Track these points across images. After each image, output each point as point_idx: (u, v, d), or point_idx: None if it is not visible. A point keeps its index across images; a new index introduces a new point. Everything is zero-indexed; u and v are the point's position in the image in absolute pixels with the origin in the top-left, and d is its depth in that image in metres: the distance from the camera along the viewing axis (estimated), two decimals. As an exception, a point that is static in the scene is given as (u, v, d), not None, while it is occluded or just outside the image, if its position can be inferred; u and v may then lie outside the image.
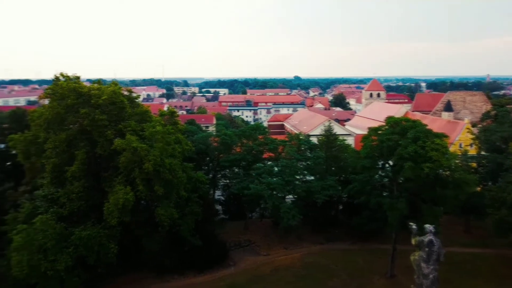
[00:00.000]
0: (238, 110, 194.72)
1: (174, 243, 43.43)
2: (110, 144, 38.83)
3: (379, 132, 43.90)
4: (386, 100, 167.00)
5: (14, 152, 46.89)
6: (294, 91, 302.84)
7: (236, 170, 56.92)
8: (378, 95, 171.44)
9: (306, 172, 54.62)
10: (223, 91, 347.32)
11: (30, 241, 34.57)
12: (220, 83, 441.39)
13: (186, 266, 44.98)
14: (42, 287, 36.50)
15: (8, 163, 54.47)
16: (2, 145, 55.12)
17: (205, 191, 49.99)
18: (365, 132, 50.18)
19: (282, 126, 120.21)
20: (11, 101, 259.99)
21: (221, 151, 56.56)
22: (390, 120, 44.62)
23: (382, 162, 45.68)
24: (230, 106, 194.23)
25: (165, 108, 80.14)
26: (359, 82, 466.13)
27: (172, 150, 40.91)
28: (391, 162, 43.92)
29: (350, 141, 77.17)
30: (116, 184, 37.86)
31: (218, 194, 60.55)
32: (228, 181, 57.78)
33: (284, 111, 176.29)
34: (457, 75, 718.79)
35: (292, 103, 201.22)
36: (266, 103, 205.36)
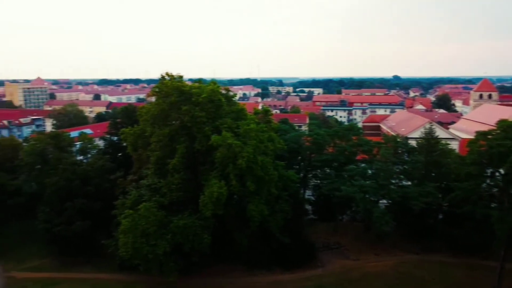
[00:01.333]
0: (332, 110, 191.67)
1: (263, 239, 44.32)
2: (208, 140, 40.91)
3: (489, 136, 39.88)
4: (499, 102, 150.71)
5: (124, 144, 51.86)
6: (393, 91, 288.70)
7: (328, 170, 56.11)
8: (490, 96, 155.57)
9: (402, 176, 51.76)
10: (317, 91, 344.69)
11: (135, 226, 37.99)
12: (315, 83, 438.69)
13: (274, 262, 45.64)
14: (143, 268, 40.02)
15: (119, 154, 60.45)
16: (115, 138, 61.30)
17: (296, 190, 50.09)
18: (472, 136, 45.94)
19: (378, 128, 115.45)
20: (124, 99, 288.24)
21: (313, 151, 56.19)
22: (502, 123, 40.27)
23: (491, 170, 41.44)
24: (324, 106, 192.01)
25: (260, 107, 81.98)
26: (467, 82, 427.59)
27: (264, 147, 41.78)
28: (502, 171, 39.62)
29: (454, 145, 71.14)
30: (211, 178, 39.83)
31: (308, 193, 60.31)
32: (319, 181, 57.21)
33: (380, 112, 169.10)
34: None
35: (389, 104, 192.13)
36: (361, 103, 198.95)
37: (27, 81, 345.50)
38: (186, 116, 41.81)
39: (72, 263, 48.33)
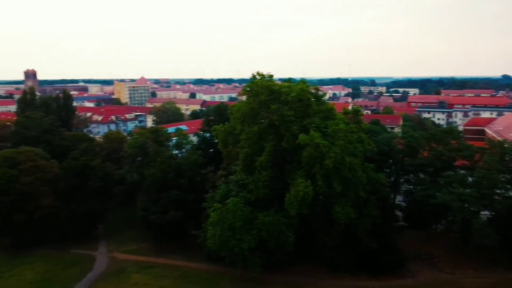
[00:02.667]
0: (428, 112, 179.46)
1: (348, 243, 43.15)
2: (295, 139, 40.95)
3: None
4: None
5: (216, 140, 54.11)
6: (501, 92, 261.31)
7: (422, 175, 52.69)
8: None
9: (509, 186, 46.62)
10: (413, 91, 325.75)
11: (222, 219, 39.49)
12: (410, 83, 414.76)
13: (359, 267, 44.19)
14: (229, 261, 41.50)
15: (211, 150, 63.32)
16: (208, 134, 64.32)
17: (385, 194, 47.91)
18: None
19: (482, 132, 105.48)
20: (217, 97, 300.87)
21: (406, 154, 53.21)
22: None
23: None
24: (419, 107, 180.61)
25: (350, 107, 79.83)
26: None
27: (353, 148, 40.61)
28: None
29: None
30: (297, 177, 39.81)
31: (399, 199, 57.26)
32: (411, 186, 54.00)
33: (485, 114, 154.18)
34: None
35: (496, 106, 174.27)
36: (463, 105, 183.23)
37: (132, 80, 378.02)
38: (274, 114, 42.31)
39: (164, 250, 51.90)
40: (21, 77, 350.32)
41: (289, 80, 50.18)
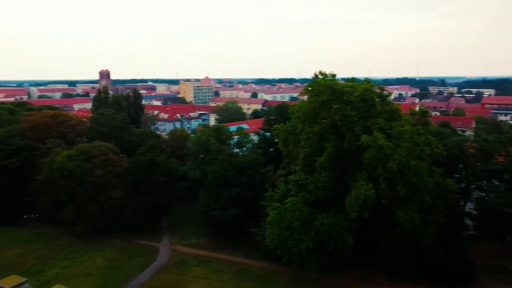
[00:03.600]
0: (505, 114, 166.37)
1: (412, 249, 41.24)
2: (357, 140, 39.89)
3: None
4: None
5: (276, 140, 54.25)
6: None
7: (496, 182, 48.98)
8: None
9: None
10: (488, 92, 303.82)
11: (281, 218, 39.50)
12: (485, 83, 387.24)
13: (422, 276, 42.07)
14: (287, 260, 41.43)
15: (271, 149, 63.64)
16: (268, 134, 64.69)
17: (454, 201, 45.18)
18: None
19: None
20: (278, 97, 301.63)
21: (478, 159, 49.73)
22: None
23: None
24: (495, 109, 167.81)
25: (417, 108, 76.21)
26: None
27: (420, 151, 38.74)
28: None
29: None
30: (359, 179, 38.74)
31: (469, 206, 53.63)
32: (483, 194, 50.35)
33: None
34: None
35: None
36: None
37: (197, 80, 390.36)
38: (336, 114, 41.52)
39: (223, 245, 53.04)
40: (96, 77, 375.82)
41: (353, 79, 48.99)
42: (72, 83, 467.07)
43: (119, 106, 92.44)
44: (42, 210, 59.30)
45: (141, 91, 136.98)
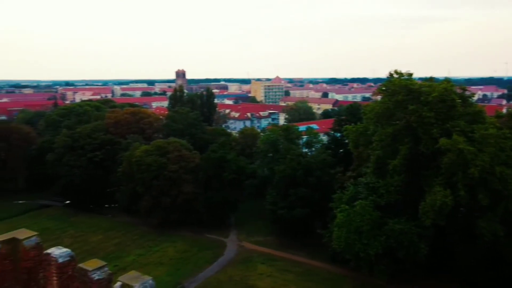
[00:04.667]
0: None
1: (494, 263, 38.00)
2: (434, 143, 37.65)
3: None
4: None
5: (346, 141, 53.00)
6: None
7: None
8: None
9: None
10: None
11: (349, 221, 38.51)
12: None
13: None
14: (354, 264, 40.29)
15: (341, 150, 62.30)
16: (338, 134, 63.40)
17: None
18: None
19: None
20: (350, 97, 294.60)
21: None
22: None
23: None
24: None
25: (504, 110, 70.07)
26: None
27: (506, 157, 35.57)
28: None
29: None
30: (435, 184, 36.53)
31: None
32: None
33: None
34: None
35: None
36: None
37: (268, 79, 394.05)
38: (412, 116, 39.50)
39: (289, 245, 52.98)
40: (173, 76, 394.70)
41: (431, 79, 46.30)
42: (151, 82, 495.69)
43: (193, 104, 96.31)
44: (121, 201, 63.69)
45: (214, 90, 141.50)
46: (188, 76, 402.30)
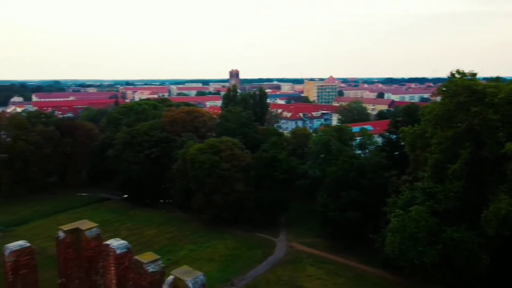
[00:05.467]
0: None
1: None
2: (500, 148, 35.24)
3: None
4: None
5: (402, 143, 51.06)
6: None
7: None
8: None
9: None
10: None
11: (403, 227, 37.05)
12: None
13: None
14: (408, 272, 38.73)
15: (396, 153, 60.16)
16: (394, 136, 61.28)
17: None
18: None
19: None
20: (407, 97, 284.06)
21: None
22: None
23: None
24: None
25: None
26: None
27: None
28: None
29: None
30: (499, 192, 34.20)
31: None
32: None
33: None
34: None
35: None
36: None
37: (321, 79, 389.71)
38: (475, 118, 37.23)
39: (339, 248, 52.04)
40: (227, 76, 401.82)
41: (497, 79, 43.46)
42: (206, 82, 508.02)
43: (246, 104, 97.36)
44: (175, 196, 65.84)
45: (267, 90, 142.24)
46: (242, 76, 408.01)
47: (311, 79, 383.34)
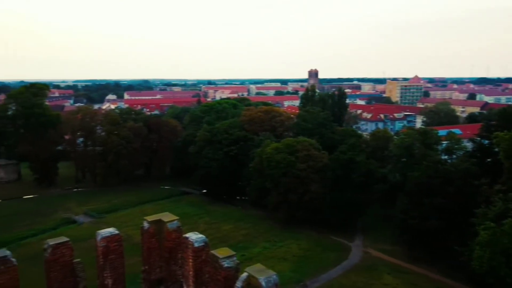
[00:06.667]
0: None
1: None
2: None
3: None
4: None
5: (496, 149, 46.83)
6: None
7: None
8: None
9: None
10: None
11: (495, 241, 33.95)
12: None
13: None
14: (498, 291, 35.41)
15: (488, 160, 55.22)
16: (486, 141, 56.30)
17: None
18: None
19: None
20: (503, 99, 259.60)
21: None
22: None
23: None
24: None
25: None
26: None
27: None
28: None
29: None
30: None
31: None
32: None
33: None
34: None
35: None
36: None
37: (405, 79, 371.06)
38: None
39: (419, 258, 49.18)
40: (305, 76, 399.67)
41: None
42: (284, 82, 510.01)
43: (324, 104, 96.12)
44: (251, 194, 67.11)
45: (346, 90, 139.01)
46: (321, 75, 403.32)
47: (394, 79, 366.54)
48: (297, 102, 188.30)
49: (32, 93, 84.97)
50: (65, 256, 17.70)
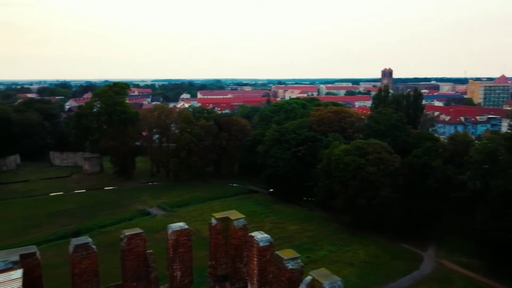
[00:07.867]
0: None
1: None
2: None
3: None
4: None
5: None
6: None
7: None
8: None
9: None
10: None
11: None
12: None
13: None
14: None
15: None
16: None
17: None
18: None
19: None
20: None
21: None
22: None
23: None
24: None
25: None
26: None
27: None
28: None
29: None
30: None
31: None
32: None
33: None
34: None
35: None
36: None
37: (490, 79, 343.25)
38: None
39: (502, 273, 45.12)
40: (378, 75, 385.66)
41: None
42: (356, 82, 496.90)
43: (398, 105, 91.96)
44: (317, 195, 66.23)
45: (423, 91, 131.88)
46: (395, 75, 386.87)
47: (477, 79, 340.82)
48: (368, 103, 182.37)
49: (114, 92, 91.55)
50: (139, 246, 18.73)
